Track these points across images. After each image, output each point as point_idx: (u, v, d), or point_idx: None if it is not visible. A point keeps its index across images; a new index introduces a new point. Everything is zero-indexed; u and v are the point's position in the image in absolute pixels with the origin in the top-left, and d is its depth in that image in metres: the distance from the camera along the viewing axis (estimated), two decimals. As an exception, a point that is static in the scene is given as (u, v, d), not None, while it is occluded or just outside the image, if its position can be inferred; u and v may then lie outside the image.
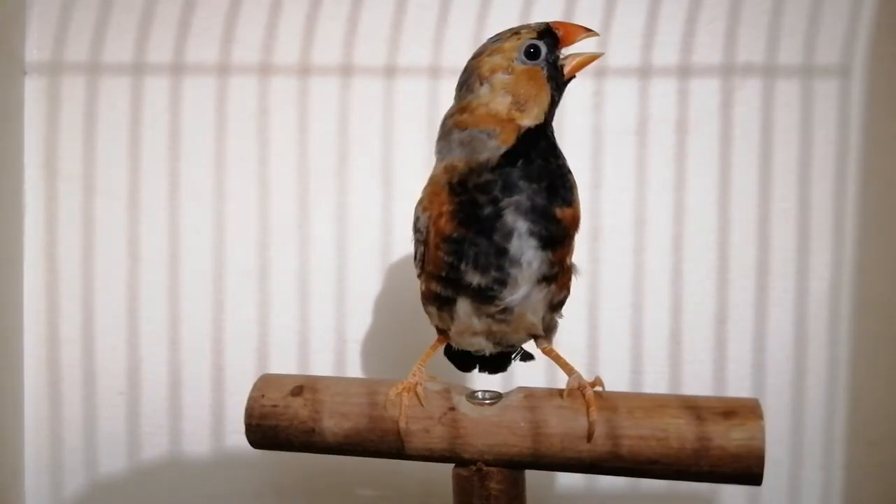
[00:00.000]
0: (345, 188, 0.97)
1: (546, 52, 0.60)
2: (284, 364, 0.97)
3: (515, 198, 0.57)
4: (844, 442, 0.95)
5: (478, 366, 0.77)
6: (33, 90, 0.96)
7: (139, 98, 0.96)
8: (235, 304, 0.97)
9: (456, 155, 0.61)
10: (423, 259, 0.64)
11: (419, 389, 0.64)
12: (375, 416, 0.64)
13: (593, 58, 0.61)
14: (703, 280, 0.95)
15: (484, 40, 1.00)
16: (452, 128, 0.62)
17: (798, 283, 0.95)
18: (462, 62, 0.95)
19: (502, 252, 0.58)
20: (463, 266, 0.59)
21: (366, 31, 0.96)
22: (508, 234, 0.57)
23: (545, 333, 0.67)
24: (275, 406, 0.65)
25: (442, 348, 0.72)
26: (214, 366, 0.98)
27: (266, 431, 0.65)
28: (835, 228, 0.95)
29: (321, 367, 0.96)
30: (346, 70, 0.96)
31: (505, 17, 0.94)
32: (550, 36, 0.60)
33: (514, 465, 0.62)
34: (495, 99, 0.60)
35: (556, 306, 0.65)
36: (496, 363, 0.76)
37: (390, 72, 0.96)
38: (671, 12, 0.94)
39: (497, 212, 0.57)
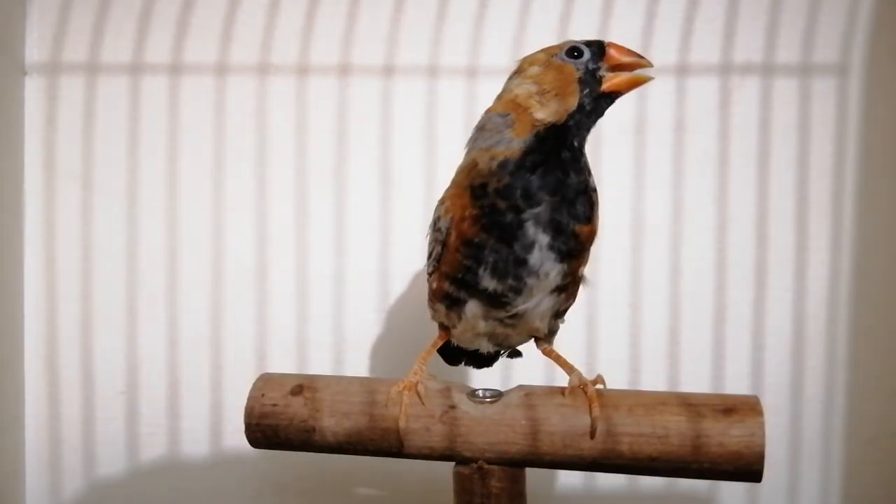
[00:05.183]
0: (343, 187, 0.97)
1: (588, 58, 0.59)
2: (283, 364, 0.97)
3: (536, 210, 0.57)
4: (842, 440, 0.95)
5: (464, 360, 0.78)
6: (33, 90, 0.96)
7: (138, 98, 0.96)
8: (234, 303, 0.97)
9: (477, 146, 0.61)
10: (440, 258, 0.63)
11: (420, 388, 0.64)
12: (376, 414, 0.63)
13: (638, 81, 0.59)
14: (701, 279, 0.95)
15: (482, 40, 1.00)
16: (482, 118, 0.63)
17: (796, 282, 0.95)
18: (460, 61, 0.95)
19: (521, 262, 0.58)
20: (481, 271, 0.59)
21: (364, 30, 0.96)
22: (529, 246, 0.57)
23: (547, 336, 0.67)
24: (275, 405, 0.65)
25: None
26: (214, 366, 0.98)
27: (266, 431, 0.65)
28: (833, 227, 0.95)
29: (320, 366, 0.97)
30: (345, 69, 0.96)
31: (503, 18, 0.95)
32: (600, 48, 0.59)
33: (515, 464, 0.62)
34: (521, 86, 0.60)
35: (561, 313, 0.66)
36: (484, 358, 0.76)
37: (388, 71, 0.96)
38: (669, 11, 0.94)
39: (519, 222, 0.57)
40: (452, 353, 0.76)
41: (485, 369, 0.80)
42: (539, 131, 0.58)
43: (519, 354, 0.77)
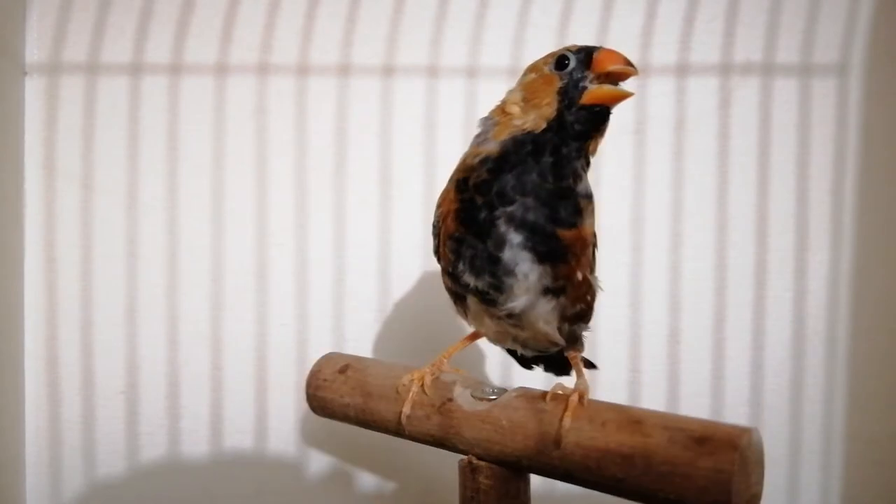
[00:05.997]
0: (343, 187, 0.97)
1: (573, 67, 0.58)
2: (283, 363, 0.97)
3: (509, 208, 0.57)
4: (843, 440, 0.95)
5: (543, 366, 0.77)
6: (33, 90, 0.96)
7: (138, 98, 0.96)
8: (234, 303, 0.97)
9: (472, 144, 0.63)
10: (438, 253, 0.66)
11: (427, 379, 0.67)
12: (391, 398, 0.68)
13: (616, 96, 0.57)
14: (701, 279, 0.95)
15: (482, 40, 1.00)
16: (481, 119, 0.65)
17: (796, 281, 0.95)
18: (459, 62, 0.96)
19: (495, 259, 0.58)
20: (461, 266, 0.60)
21: (364, 30, 0.96)
22: (501, 243, 0.57)
23: (567, 343, 0.65)
24: (325, 380, 0.73)
25: (471, 343, 0.73)
26: (214, 365, 0.98)
27: (320, 401, 0.74)
28: (833, 227, 0.95)
29: (320, 366, 0.97)
30: (344, 69, 0.96)
31: (503, 18, 0.95)
32: (587, 56, 0.58)
33: (498, 463, 0.62)
34: (513, 92, 0.62)
35: (571, 318, 0.63)
36: (558, 365, 0.75)
37: (388, 71, 0.96)
38: (669, 11, 0.94)
39: (491, 218, 0.57)
40: (523, 357, 0.76)
41: (550, 371, 0.78)
42: (517, 136, 0.59)
43: (593, 366, 0.75)
